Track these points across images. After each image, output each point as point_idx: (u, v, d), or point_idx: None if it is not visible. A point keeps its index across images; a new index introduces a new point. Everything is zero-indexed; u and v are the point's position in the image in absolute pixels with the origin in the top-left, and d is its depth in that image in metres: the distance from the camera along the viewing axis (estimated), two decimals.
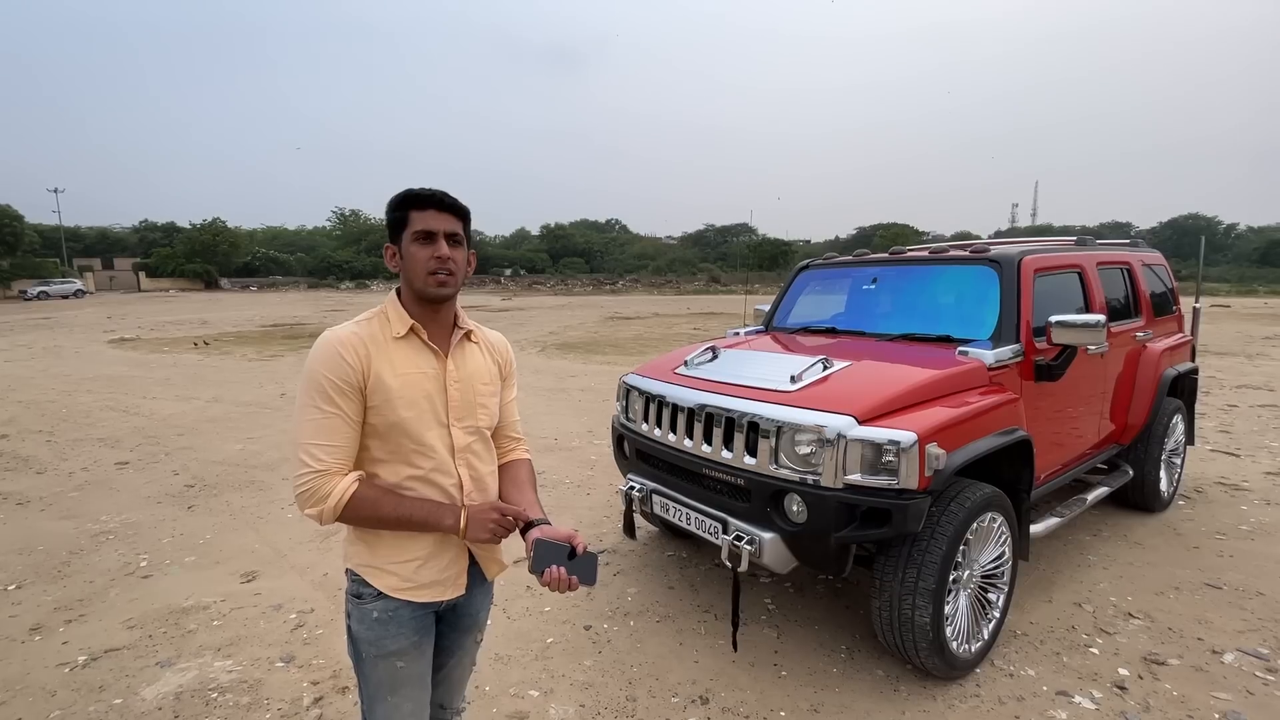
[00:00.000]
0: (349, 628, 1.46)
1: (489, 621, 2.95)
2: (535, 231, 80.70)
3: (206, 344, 14.88)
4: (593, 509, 4.48)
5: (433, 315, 1.45)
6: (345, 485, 1.31)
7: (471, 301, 33.90)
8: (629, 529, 3.25)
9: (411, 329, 1.41)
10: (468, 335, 1.53)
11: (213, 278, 55.50)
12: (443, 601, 1.48)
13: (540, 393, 8.78)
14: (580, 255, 71.44)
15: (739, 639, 2.76)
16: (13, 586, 3.40)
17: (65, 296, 40.03)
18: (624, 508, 3.20)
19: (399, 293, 1.45)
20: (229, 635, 2.92)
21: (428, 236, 1.36)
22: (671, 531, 3.79)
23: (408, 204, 1.37)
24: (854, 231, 76.77)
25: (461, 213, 1.41)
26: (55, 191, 59.42)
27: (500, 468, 1.60)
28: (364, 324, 1.41)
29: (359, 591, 1.43)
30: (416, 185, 1.39)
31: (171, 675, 2.63)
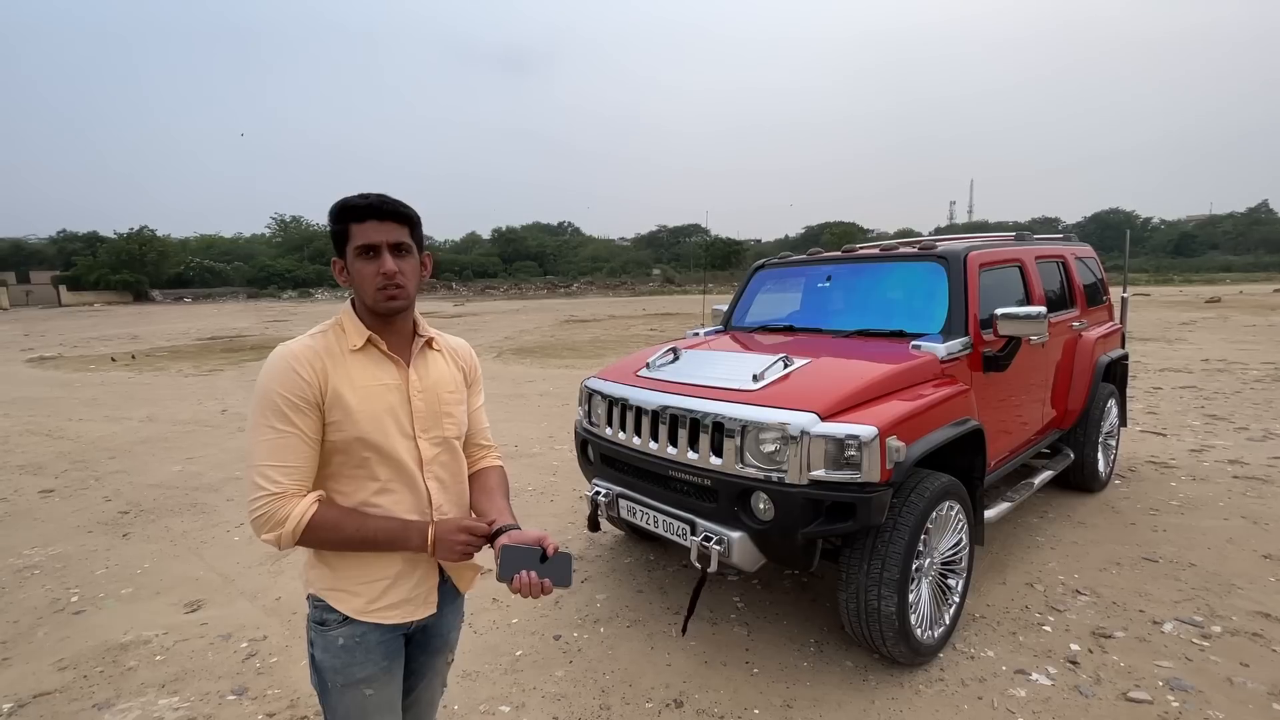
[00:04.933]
0: (312, 656, 1.38)
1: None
2: (486, 235, 79.52)
3: (134, 358, 14.05)
4: (557, 516, 4.42)
5: (390, 325, 1.39)
6: (304, 508, 1.24)
7: (423, 308, 33.03)
8: (593, 525, 3.22)
9: (369, 340, 1.35)
10: (429, 343, 1.47)
11: (142, 289, 52.49)
12: (412, 623, 1.42)
13: (499, 399, 8.63)
14: (533, 258, 70.72)
15: (696, 629, 2.81)
16: None
17: None
18: (589, 511, 3.17)
19: (354, 303, 1.39)
20: (174, 670, 2.75)
21: (370, 251, 1.30)
22: (638, 534, 3.77)
23: (346, 216, 1.29)
24: (802, 230, 78.61)
25: (405, 218, 1.33)
26: None
27: (470, 476, 1.54)
28: (319, 337, 1.34)
29: (323, 618, 1.36)
30: (354, 193, 1.31)
31: (111, 717, 2.45)
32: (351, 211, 1.29)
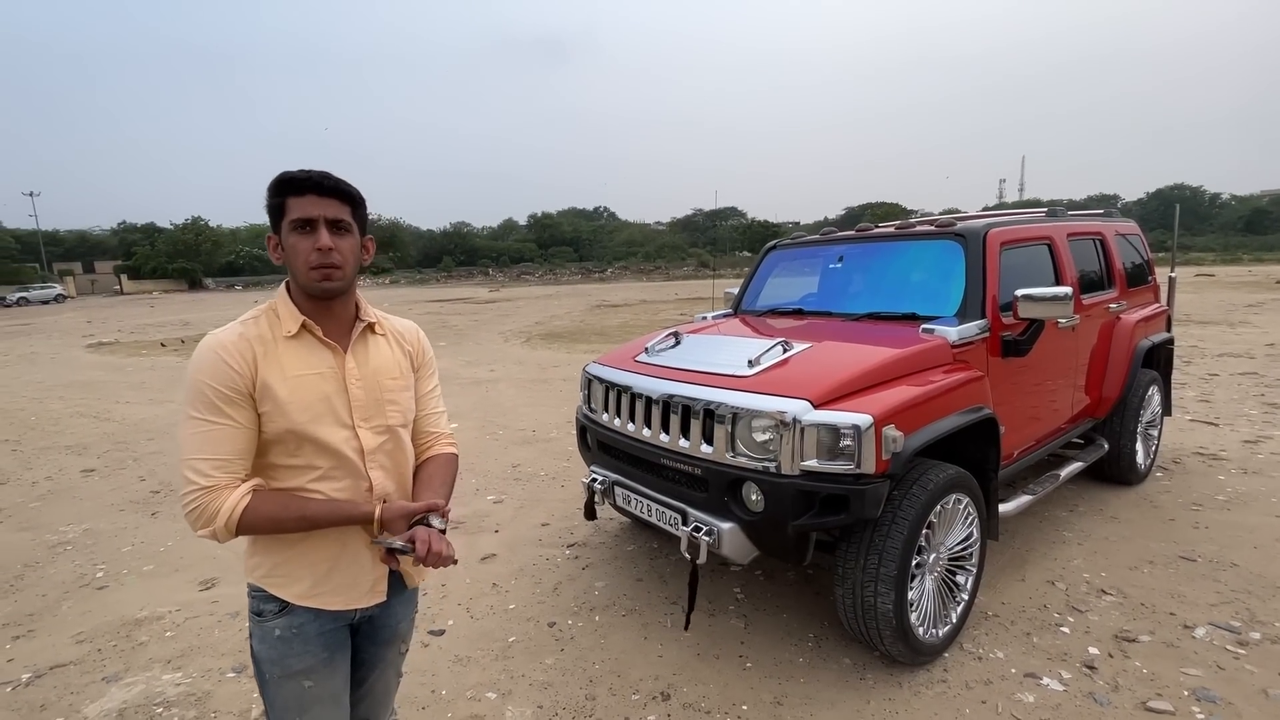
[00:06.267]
0: (251, 648, 1.37)
1: (450, 623, 2.88)
2: (523, 222, 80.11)
3: (182, 343, 14.65)
4: (565, 501, 4.40)
5: (327, 309, 1.34)
6: (235, 500, 1.21)
7: (458, 293, 33.62)
8: (589, 514, 3.19)
9: (304, 326, 1.31)
10: (371, 327, 1.42)
11: (196, 278, 54.83)
12: (356, 611, 1.39)
13: (522, 384, 8.68)
14: (569, 244, 70.94)
15: (693, 620, 2.74)
16: None
17: (45, 302, 39.45)
18: (586, 498, 3.14)
19: (289, 286, 1.35)
20: (181, 646, 2.83)
21: (307, 225, 1.25)
22: (641, 523, 3.71)
23: (284, 189, 1.25)
24: (843, 211, 76.49)
25: (348, 196, 1.29)
26: (31, 195, 58.03)
27: (416, 466, 1.50)
28: (250, 324, 1.30)
29: (260, 609, 1.34)
30: (295, 168, 1.26)
31: (117, 691, 2.54)
32: (291, 185, 1.25)
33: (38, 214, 62.09)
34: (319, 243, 1.25)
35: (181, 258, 54.43)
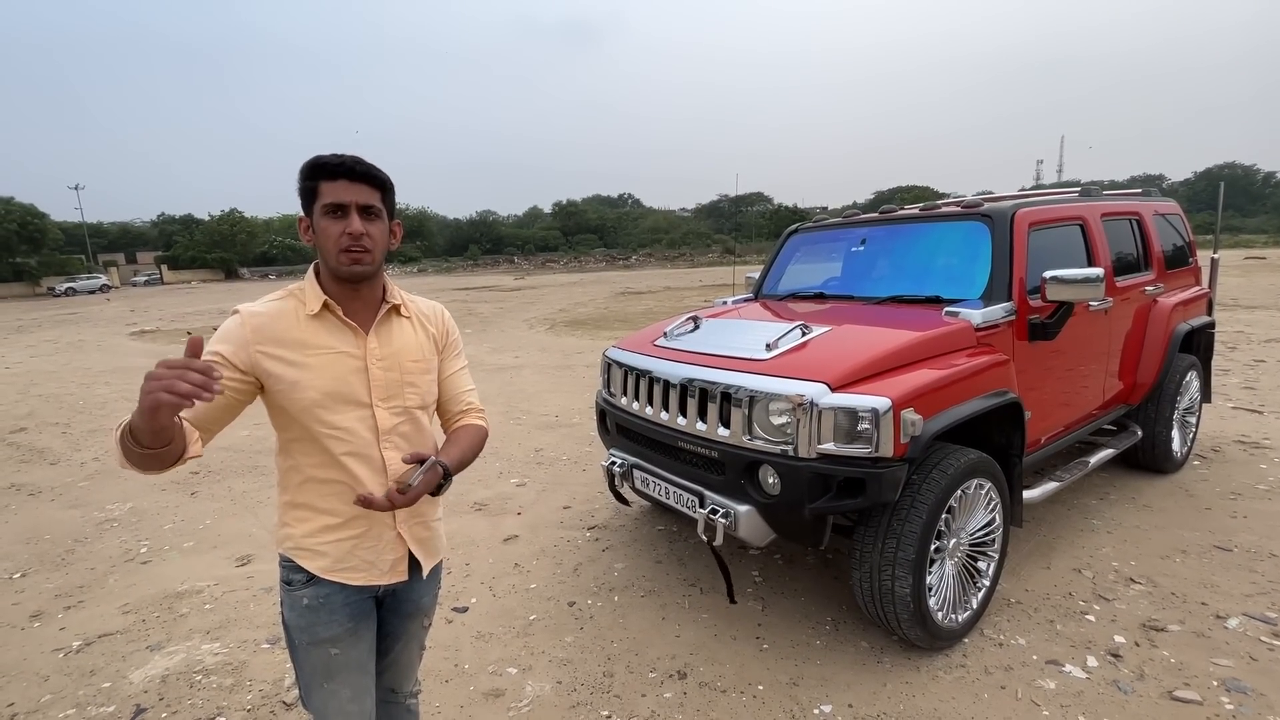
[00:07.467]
0: (282, 615, 1.43)
1: (473, 600, 2.96)
2: (548, 210, 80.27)
3: (215, 330, 15.12)
4: (587, 485, 4.45)
5: (354, 291, 1.37)
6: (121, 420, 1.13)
7: (484, 281, 33.95)
8: (618, 497, 3.25)
9: (325, 305, 1.35)
10: (395, 309, 1.45)
11: (232, 267, 56.32)
12: (380, 586, 1.44)
13: (546, 371, 8.77)
14: (593, 231, 70.85)
15: (710, 603, 2.79)
16: (17, 575, 3.48)
17: (91, 292, 40.97)
18: (607, 482, 3.17)
19: (316, 268, 1.39)
20: (219, 618, 2.96)
21: (338, 210, 1.28)
22: (660, 506, 3.75)
23: (317, 173, 1.28)
24: (872, 196, 74.89)
25: (378, 183, 1.31)
26: (76, 189, 59.95)
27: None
28: (275, 302, 1.35)
29: (289, 578, 1.40)
30: (327, 153, 1.29)
31: (160, 659, 2.67)
32: (324, 169, 1.28)
33: (83, 207, 64.34)
34: (350, 228, 1.28)
35: (218, 248, 55.92)
